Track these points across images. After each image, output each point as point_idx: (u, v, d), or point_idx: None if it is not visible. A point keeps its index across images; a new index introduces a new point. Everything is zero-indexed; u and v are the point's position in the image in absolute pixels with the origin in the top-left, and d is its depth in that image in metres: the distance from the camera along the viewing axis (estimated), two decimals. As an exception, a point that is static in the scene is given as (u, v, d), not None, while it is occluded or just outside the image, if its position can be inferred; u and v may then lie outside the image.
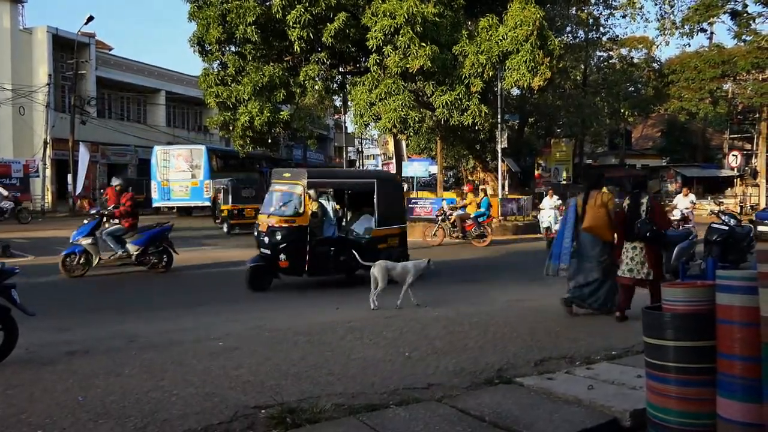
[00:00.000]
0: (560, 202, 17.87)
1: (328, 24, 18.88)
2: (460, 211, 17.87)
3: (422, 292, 8.53)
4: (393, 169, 26.58)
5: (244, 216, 20.62)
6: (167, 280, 11.44)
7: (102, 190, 25.74)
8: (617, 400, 4.22)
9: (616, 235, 7.33)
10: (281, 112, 21.72)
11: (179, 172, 26.87)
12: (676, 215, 14.24)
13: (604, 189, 7.86)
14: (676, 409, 3.47)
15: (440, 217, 18.07)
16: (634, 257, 7.06)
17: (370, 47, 18.89)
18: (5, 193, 24.69)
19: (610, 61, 37.15)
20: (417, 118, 19.23)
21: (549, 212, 18.04)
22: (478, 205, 17.83)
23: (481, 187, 23.37)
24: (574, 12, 32.12)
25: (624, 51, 39.14)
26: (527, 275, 11.35)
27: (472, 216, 17.50)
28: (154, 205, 28.02)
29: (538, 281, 9.84)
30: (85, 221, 11.68)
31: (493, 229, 18.44)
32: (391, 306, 8.08)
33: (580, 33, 33.91)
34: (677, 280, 8.02)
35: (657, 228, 7.00)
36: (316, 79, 21.26)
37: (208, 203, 26.72)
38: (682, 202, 17.32)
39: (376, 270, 8.24)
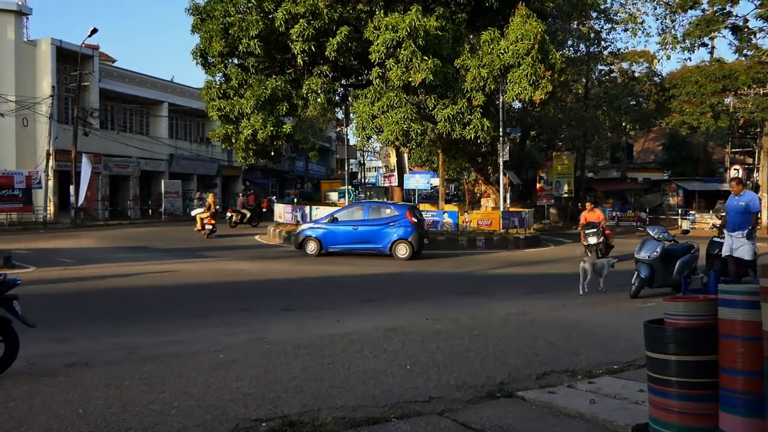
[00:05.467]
0: None
1: (330, 38, 18.99)
2: None
3: (422, 305, 8.48)
4: (395, 181, 26.65)
5: None
6: (169, 292, 11.43)
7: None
8: (619, 415, 4.19)
9: None
10: (284, 125, 21.80)
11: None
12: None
13: None
14: (678, 423, 3.45)
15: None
16: None
17: (372, 60, 18.99)
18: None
19: (612, 75, 37.27)
20: (419, 131, 19.26)
21: None
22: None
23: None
24: (575, 26, 32.35)
25: (625, 65, 39.27)
26: (527, 287, 11.29)
27: None
28: None
29: (537, 293, 9.82)
30: None
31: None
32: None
33: (582, 47, 34.10)
34: (679, 294, 8.04)
35: None
36: (319, 91, 21.37)
37: None
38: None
39: (587, 264, 10.56)
